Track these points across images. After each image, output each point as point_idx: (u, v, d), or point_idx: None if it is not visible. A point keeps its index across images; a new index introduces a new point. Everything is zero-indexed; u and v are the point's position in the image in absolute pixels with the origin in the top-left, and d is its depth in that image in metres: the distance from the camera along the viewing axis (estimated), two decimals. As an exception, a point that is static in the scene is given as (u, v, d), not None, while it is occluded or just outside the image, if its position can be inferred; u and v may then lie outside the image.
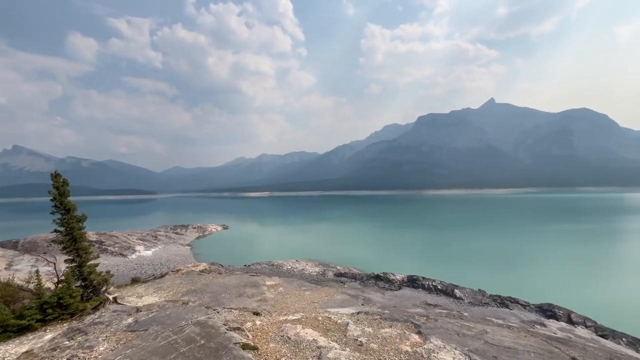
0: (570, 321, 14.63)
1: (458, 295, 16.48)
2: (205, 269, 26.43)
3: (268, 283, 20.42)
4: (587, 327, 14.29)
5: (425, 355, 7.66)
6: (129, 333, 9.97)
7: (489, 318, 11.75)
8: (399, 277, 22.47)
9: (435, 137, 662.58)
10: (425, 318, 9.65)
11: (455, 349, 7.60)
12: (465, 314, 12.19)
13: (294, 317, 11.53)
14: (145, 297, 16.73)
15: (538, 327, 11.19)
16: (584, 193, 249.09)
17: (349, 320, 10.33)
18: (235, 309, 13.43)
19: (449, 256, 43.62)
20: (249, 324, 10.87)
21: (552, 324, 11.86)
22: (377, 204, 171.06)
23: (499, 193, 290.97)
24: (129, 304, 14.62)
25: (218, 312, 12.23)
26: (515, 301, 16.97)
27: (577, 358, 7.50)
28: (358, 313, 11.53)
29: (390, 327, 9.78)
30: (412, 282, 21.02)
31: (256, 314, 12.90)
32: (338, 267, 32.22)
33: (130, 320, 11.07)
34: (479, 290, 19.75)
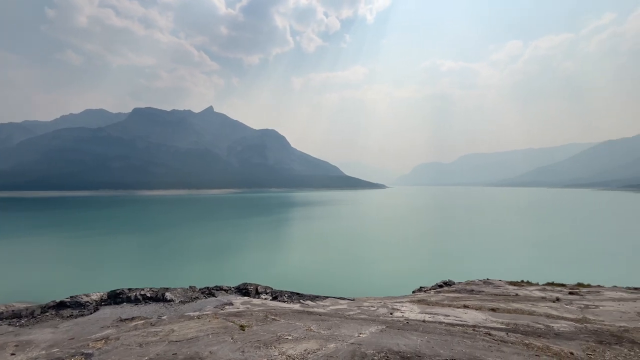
0: (257, 293, 18.03)
1: (169, 298, 15.49)
2: None
3: None
4: (267, 294, 18.24)
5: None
6: None
7: (187, 313, 11.95)
8: (95, 296, 17.64)
9: (154, 134, 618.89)
10: (103, 341, 7.87)
11: (133, 364, 6.77)
12: (164, 317, 11.59)
13: None
14: None
15: (227, 307, 12.87)
16: (271, 192, 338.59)
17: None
18: None
19: (163, 258, 41.80)
20: None
21: (238, 301, 14.15)
22: (73, 209, 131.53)
23: (213, 193, 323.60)
24: None
25: None
26: (220, 288, 18.55)
27: (244, 324, 9.21)
28: (-14, 376, 7.46)
29: (45, 374, 7.12)
30: (115, 297, 17.24)
31: None
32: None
33: None
34: (190, 286, 19.81)
